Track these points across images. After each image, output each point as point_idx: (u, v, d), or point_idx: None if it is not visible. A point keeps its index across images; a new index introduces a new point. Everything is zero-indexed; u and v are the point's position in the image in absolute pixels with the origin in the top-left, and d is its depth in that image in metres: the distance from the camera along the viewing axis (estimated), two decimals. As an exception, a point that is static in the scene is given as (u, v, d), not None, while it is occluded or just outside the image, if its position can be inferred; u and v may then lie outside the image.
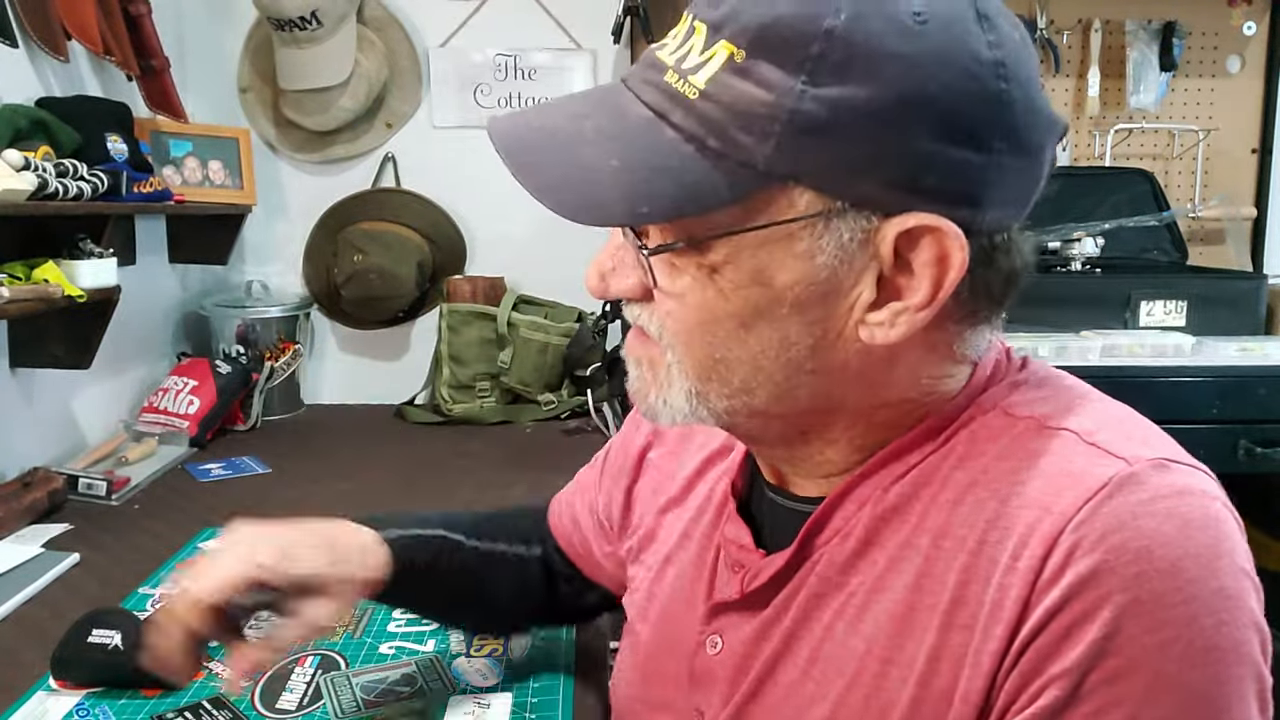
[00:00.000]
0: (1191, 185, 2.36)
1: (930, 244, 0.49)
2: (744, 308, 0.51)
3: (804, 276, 0.50)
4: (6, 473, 1.49)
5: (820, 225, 0.48)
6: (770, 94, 0.46)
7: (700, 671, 0.64)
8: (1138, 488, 0.46)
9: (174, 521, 1.42)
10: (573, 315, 2.13)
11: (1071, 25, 2.31)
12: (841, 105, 0.45)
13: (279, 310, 2.11)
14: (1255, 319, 1.97)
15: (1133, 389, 1.77)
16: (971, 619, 0.49)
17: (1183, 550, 0.45)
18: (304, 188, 2.21)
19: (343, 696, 0.91)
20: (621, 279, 0.56)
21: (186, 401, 1.81)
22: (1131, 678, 0.44)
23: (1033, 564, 0.47)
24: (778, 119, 0.46)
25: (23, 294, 1.30)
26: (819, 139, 0.46)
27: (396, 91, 2.18)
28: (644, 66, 0.53)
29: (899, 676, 0.51)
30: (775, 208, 0.48)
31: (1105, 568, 0.45)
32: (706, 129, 0.48)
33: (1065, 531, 0.46)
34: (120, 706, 0.90)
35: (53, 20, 1.56)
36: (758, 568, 0.61)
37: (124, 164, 1.61)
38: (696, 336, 0.53)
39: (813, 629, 0.57)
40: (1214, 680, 0.44)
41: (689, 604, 0.67)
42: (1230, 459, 1.77)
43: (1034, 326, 1.92)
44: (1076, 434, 0.50)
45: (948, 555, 0.51)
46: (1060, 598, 0.46)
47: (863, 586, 0.55)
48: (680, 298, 0.53)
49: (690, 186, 0.48)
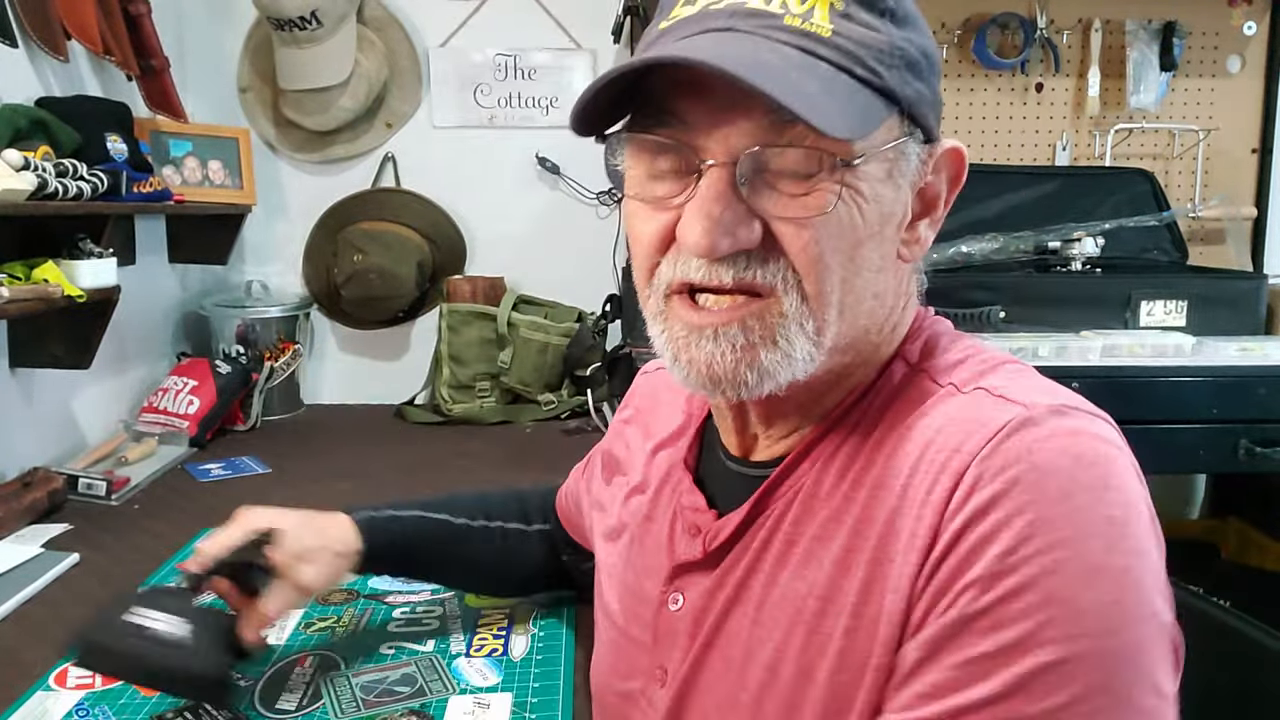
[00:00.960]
0: (1191, 185, 2.36)
1: (950, 162, 0.61)
2: (866, 228, 0.55)
3: (894, 196, 0.57)
4: (6, 473, 1.49)
5: (908, 148, 0.57)
6: (878, 34, 0.54)
7: (663, 629, 0.68)
8: (1035, 427, 0.52)
9: (174, 521, 1.42)
10: (573, 315, 2.13)
11: (1071, 25, 2.31)
12: (914, 45, 0.56)
13: (279, 310, 2.11)
14: (1255, 319, 1.97)
15: (1133, 389, 1.79)
16: (894, 550, 0.54)
17: (1073, 481, 0.50)
18: (304, 188, 2.21)
19: (343, 696, 0.91)
20: (745, 230, 0.54)
21: (186, 401, 1.81)
22: (1025, 594, 0.48)
23: (943, 495, 0.52)
24: (893, 52, 0.54)
25: (23, 294, 1.30)
26: (914, 72, 0.55)
27: (396, 91, 2.18)
28: (742, 17, 0.53)
29: (835, 612, 0.56)
30: (889, 131, 0.55)
31: (1003, 495, 0.50)
32: (850, 60, 0.53)
33: (970, 466, 0.52)
34: (120, 707, 0.90)
35: (53, 20, 1.56)
36: (716, 528, 0.65)
37: (124, 164, 1.61)
38: (830, 263, 0.55)
39: (760, 579, 0.61)
40: (1104, 600, 0.48)
41: (654, 573, 0.70)
42: (1230, 459, 1.77)
43: (1034, 326, 1.92)
44: (987, 390, 0.56)
45: (880, 501, 0.56)
46: (964, 522, 0.51)
47: (805, 536, 0.60)
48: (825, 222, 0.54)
49: (863, 107, 0.52)
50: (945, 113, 2.34)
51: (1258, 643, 0.87)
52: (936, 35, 2.30)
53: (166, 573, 1.23)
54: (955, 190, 0.62)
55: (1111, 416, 0.56)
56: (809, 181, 0.53)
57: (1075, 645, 0.48)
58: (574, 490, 0.99)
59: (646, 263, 0.59)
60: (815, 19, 0.53)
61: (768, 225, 0.54)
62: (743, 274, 0.55)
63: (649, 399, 0.84)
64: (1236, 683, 0.88)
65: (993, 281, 1.97)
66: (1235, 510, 2.33)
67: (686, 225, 0.54)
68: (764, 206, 0.54)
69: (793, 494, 0.61)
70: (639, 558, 0.74)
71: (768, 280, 0.55)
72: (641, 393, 0.86)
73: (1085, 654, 0.48)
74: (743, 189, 0.53)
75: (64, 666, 0.98)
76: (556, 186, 2.22)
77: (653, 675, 0.68)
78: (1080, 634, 0.48)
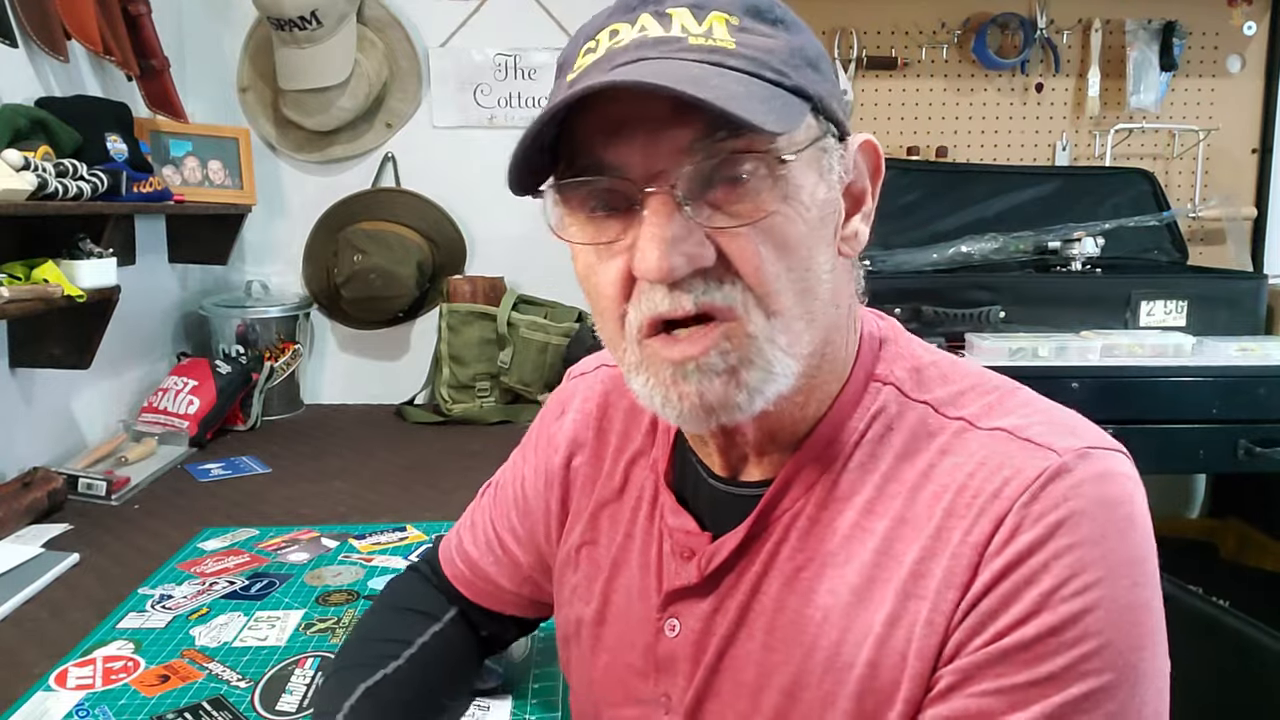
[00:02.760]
0: (1191, 185, 2.36)
1: (867, 155, 0.62)
2: (810, 233, 0.56)
3: (827, 196, 0.57)
4: (6, 473, 1.49)
5: (828, 145, 0.57)
6: (776, 40, 0.55)
7: (662, 657, 0.66)
8: (1068, 475, 0.54)
9: (174, 521, 1.42)
10: (573, 315, 2.13)
11: (1071, 25, 2.31)
12: (810, 48, 0.57)
13: (279, 310, 2.11)
14: (1255, 319, 1.98)
15: (1133, 389, 1.79)
16: (928, 589, 0.55)
17: (1105, 524, 0.53)
18: (304, 188, 2.21)
19: (343, 697, 0.91)
20: (698, 247, 0.53)
21: (186, 401, 1.81)
22: (1065, 631, 0.51)
23: (982, 538, 0.54)
24: (794, 54, 0.55)
25: (22, 294, 1.30)
26: (815, 70, 0.57)
27: (396, 91, 2.18)
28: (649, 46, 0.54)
29: (856, 641, 0.57)
30: (809, 130, 0.56)
31: (1045, 540, 0.53)
32: (759, 66, 0.54)
33: (1011, 512, 0.54)
34: (120, 707, 0.91)
35: (53, 20, 1.56)
36: (711, 551, 0.64)
37: (124, 164, 1.61)
38: (783, 277, 0.55)
39: (765, 602, 0.61)
40: (1131, 634, 0.52)
41: (643, 597, 0.69)
42: (1230, 459, 1.77)
43: (1034, 326, 1.92)
44: (1009, 432, 0.58)
45: (904, 539, 0.57)
46: (1005, 564, 0.53)
47: (812, 562, 0.60)
48: (771, 233, 0.54)
49: (782, 105, 0.53)
50: (946, 113, 2.36)
51: (1258, 643, 0.87)
52: (936, 35, 2.30)
53: (166, 573, 1.23)
54: (878, 182, 0.63)
55: (1111, 417, 0.57)
56: (748, 191, 0.54)
57: (1103, 678, 0.51)
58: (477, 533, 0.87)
59: (614, 312, 0.58)
60: (716, 36, 0.54)
61: (719, 245, 0.54)
62: (702, 297, 0.54)
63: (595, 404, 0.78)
64: (1236, 683, 0.88)
65: (993, 281, 1.97)
66: (1235, 510, 2.33)
67: (641, 254, 0.53)
68: (712, 222, 0.54)
69: (792, 517, 0.61)
70: (627, 577, 0.71)
71: (727, 303, 0.54)
72: (584, 396, 0.80)
73: (1110, 685, 0.51)
74: (687, 210, 0.53)
75: (64, 666, 0.98)
76: (556, 186, 2.22)
77: (656, 703, 0.67)
78: (1108, 667, 0.51)
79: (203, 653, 1.02)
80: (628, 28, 0.55)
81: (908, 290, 1.94)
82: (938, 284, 1.96)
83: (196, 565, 1.26)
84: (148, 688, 0.94)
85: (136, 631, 1.06)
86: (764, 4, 0.57)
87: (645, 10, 0.56)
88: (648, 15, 0.55)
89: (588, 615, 0.73)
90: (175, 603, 1.14)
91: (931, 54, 2.31)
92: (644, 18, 0.55)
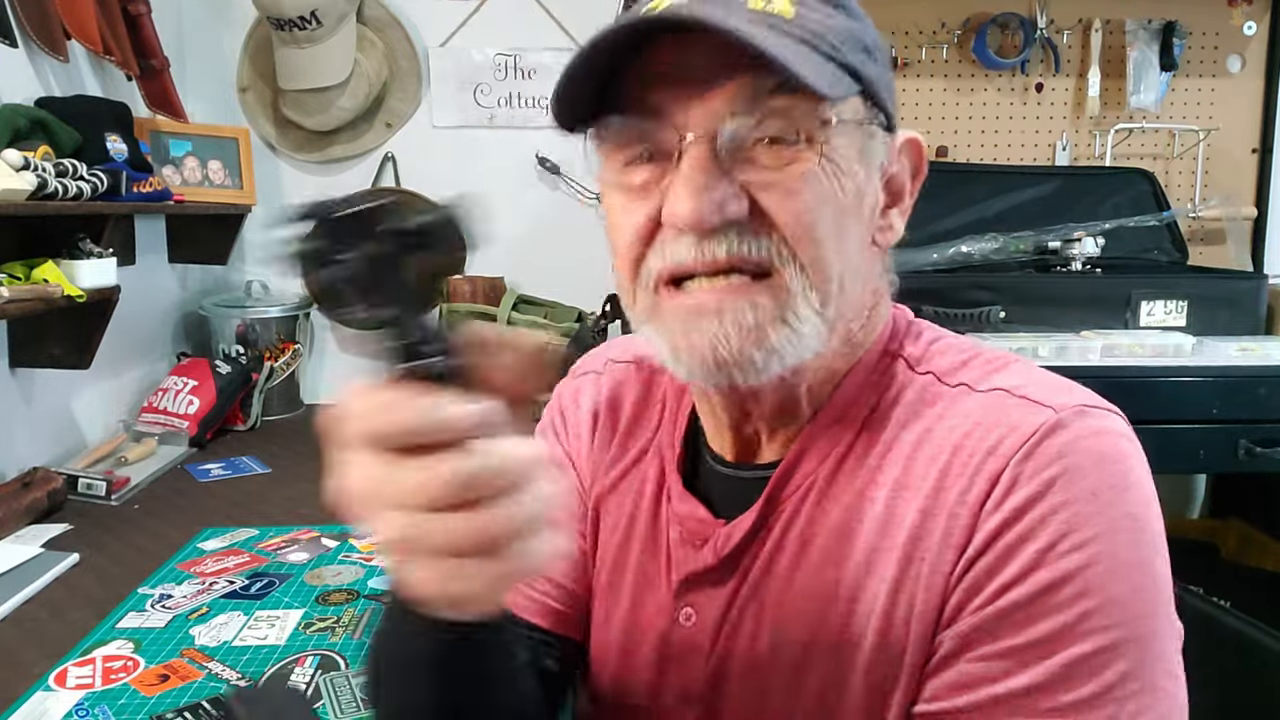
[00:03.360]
0: (1191, 185, 2.36)
1: (911, 153, 0.62)
2: (847, 201, 0.56)
3: (866, 177, 0.57)
4: (6, 473, 1.49)
5: (874, 131, 0.58)
6: (835, 21, 0.55)
7: (678, 645, 0.65)
8: (1064, 430, 0.54)
9: (174, 521, 1.42)
10: (573, 315, 2.13)
11: (1071, 25, 2.31)
12: (867, 35, 0.57)
13: (279, 310, 2.11)
14: (1255, 319, 1.97)
15: (1133, 389, 1.79)
16: (927, 549, 0.55)
17: (1100, 480, 0.52)
18: (304, 188, 2.21)
19: (342, 696, 0.91)
20: (732, 199, 0.53)
21: (186, 401, 1.81)
22: (1063, 588, 0.51)
23: (979, 496, 0.54)
24: (850, 36, 0.55)
25: (22, 294, 1.30)
26: (871, 57, 0.56)
27: (396, 91, 2.18)
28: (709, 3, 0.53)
29: (864, 612, 0.57)
30: (855, 111, 0.56)
31: (1040, 496, 0.52)
32: (814, 38, 0.53)
33: (1007, 469, 0.53)
34: (120, 707, 0.90)
35: (52, 20, 1.56)
36: (726, 533, 0.63)
37: (124, 164, 1.61)
38: (822, 234, 0.54)
39: (776, 580, 0.61)
40: (1133, 591, 0.51)
41: (653, 588, 0.67)
42: (1230, 459, 1.77)
43: (1034, 326, 1.92)
44: (1006, 390, 0.57)
45: (905, 501, 0.57)
46: (1001, 521, 0.53)
47: (820, 535, 0.59)
48: (809, 190, 0.54)
49: (831, 75, 0.53)
50: (946, 113, 2.35)
51: (1258, 643, 0.87)
52: (936, 35, 2.30)
53: (166, 572, 1.23)
54: (918, 182, 0.63)
55: None
56: (789, 150, 0.53)
57: (1109, 635, 0.50)
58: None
59: (631, 254, 0.57)
60: (777, 6, 0.54)
61: (754, 199, 0.53)
62: (736, 249, 0.53)
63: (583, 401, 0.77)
64: (1237, 683, 0.88)
65: (993, 281, 1.97)
66: (1235, 510, 2.33)
67: (673, 201, 0.53)
68: (748, 177, 0.53)
69: (804, 492, 0.61)
70: (636, 573, 0.68)
71: (763, 254, 0.54)
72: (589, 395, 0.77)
73: (1117, 643, 0.50)
74: (725, 161, 0.53)
75: (64, 666, 0.98)
76: (557, 186, 2.22)
77: (673, 692, 0.65)
78: (1112, 624, 0.50)
79: (202, 652, 1.02)
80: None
81: (908, 290, 1.89)
82: (938, 284, 1.96)
83: (196, 565, 1.26)
84: (147, 687, 0.94)
85: (136, 631, 1.06)
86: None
87: None
88: None
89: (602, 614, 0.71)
90: (175, 602, 1.14)
91: (931, 54, 2.31)
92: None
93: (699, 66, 0.52)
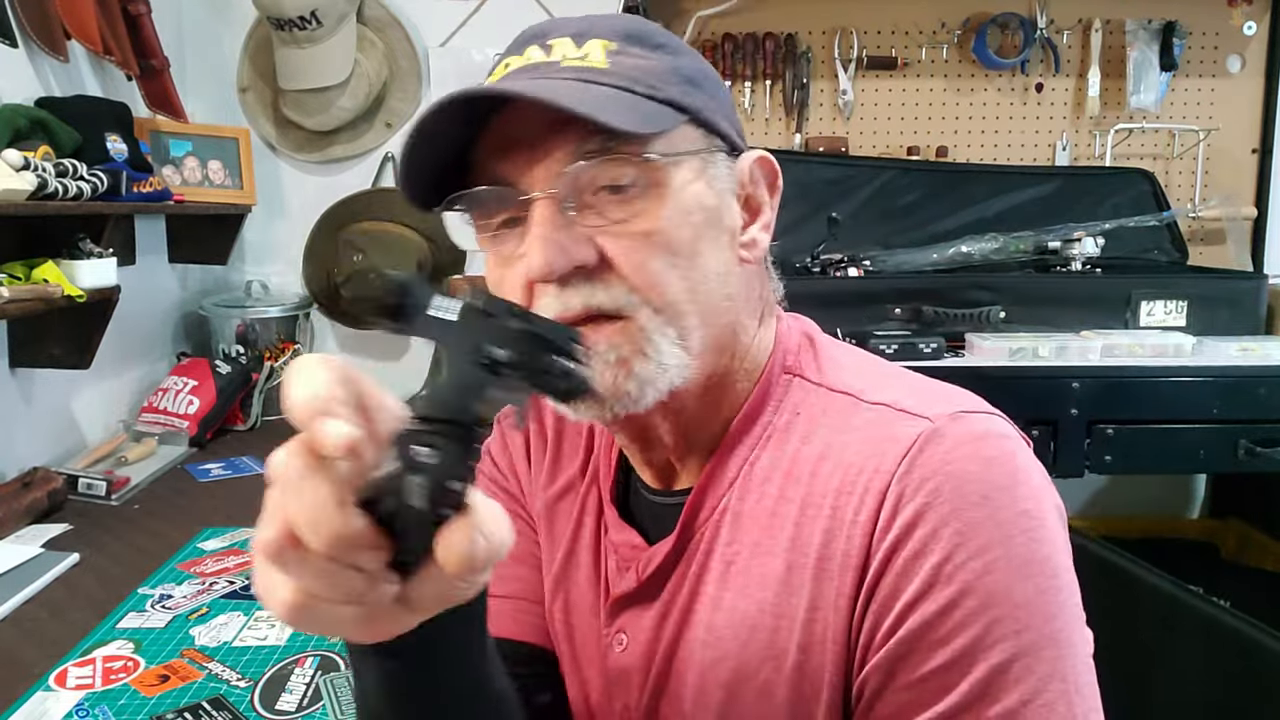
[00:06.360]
0: (1191, 185, 2.36)
1: (764, 170, 0.63)
2: (694, 231, 0.58)
3: (715, 203, 0.59)
4: (6, 473, 1.49)
5: (715, 158, 0.60)
6: (653, 62, 0.58)
7: (615, 672, 0.66)
8: (941, 439, 0.54)
9: (174, 521, 1.42)
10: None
11: (1071, 25, 2.31)
12: (689, 68, 0.60)
13: (279, 310, 2.11)
14: (1255, 319, 1.98)
15: (1133, 389, 1.79)
16: (832, 570, 0.56)
17: (987, 483, 0.52)
18: (304, 188, 2.21)
19: (342, 697, 0.91)
20: (576, 245, 0.55)
21: (186, 401, 1.81)
22: (966, 600, 0.51)
23: (870, 515, 0.54)
24: (670, 72, 0.58)
25: (22, 294, 1.30)
26: (694, 86, 0.59)
27: (396, 91, 2.18)
28: (526, 70, 0.59)
29: (787, 628, 0.57)
30: (691, 142, 0.58)
31: (927, 508, 0.52)
32: (628, 81, 0.56)
33: (890, 486, 0.54)
34: (120, 707, 0.91)
35: (52, 20, 1.56)
36: (648, 556, 0.64)
37: (124, 164, 1.61)
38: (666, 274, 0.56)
39: (704, 602, 0.61)
40: (1037, 590, 0.51)
41: (593, 613, 0.69)
42: (1230, 459, 1.77)
43: (1034, 326, 1.92)
44: (888, 405, 0.58)
45: (810, 520, 0.58)
46: (895, 539, 0.53)
47: (742, 555, 0.60)
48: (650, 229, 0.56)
49: (647, 113, 0.55)
50: (946, 113, 2.35)
51: (1258, 643, 0.87)
52: (936, 35, 2.30)
53: (166, 573, 1.23)
54: (776, 194, 0.64)
55: (1111, 417, 0.56)
56: (627, 194, 0.56)
57: (1021, 640, 0.50)
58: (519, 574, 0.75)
59: None
60: (591, 59, 0.58)
61: (601, 248, 0.56)
62: (589, 300, 0.56)
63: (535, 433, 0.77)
64: (1237, 683, 0.88)
65: (993, 281, 1.97)
66: (1235, 510, 2.33)
67: (528, 258, 0.56)
68: (594, 226, 0.56)
69: (719, 515, 0.62)
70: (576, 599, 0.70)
71: (614, 304, 0.56)
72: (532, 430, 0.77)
73: (1032, 646, 0.50)
74: (569, 213, 0.55)
75: (64, 666, 0.98)
76: (556, 186, 2.22)
77: (612, 713, 0.67)
78: (1023, 628, 0.50)
79: (202, 652, 1.02)
80: (517, 59, 0.60)
81: (908, 290, 1.94)
82: (938, 284, 1.96)
83: (196, 565, 1.26)
84: (147, 687, 0.94)
85: (136, 631, 1.06)
86: (645, 31, 0.61)
87: (533, 43, 0.60)
88: (534, 47, 0.60)
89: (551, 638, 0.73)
90: (175, 602, 1.14)
91: (931, 54, 2.31)
92: (530, 49, 0.60)
93: (532, 133, 0.55)
